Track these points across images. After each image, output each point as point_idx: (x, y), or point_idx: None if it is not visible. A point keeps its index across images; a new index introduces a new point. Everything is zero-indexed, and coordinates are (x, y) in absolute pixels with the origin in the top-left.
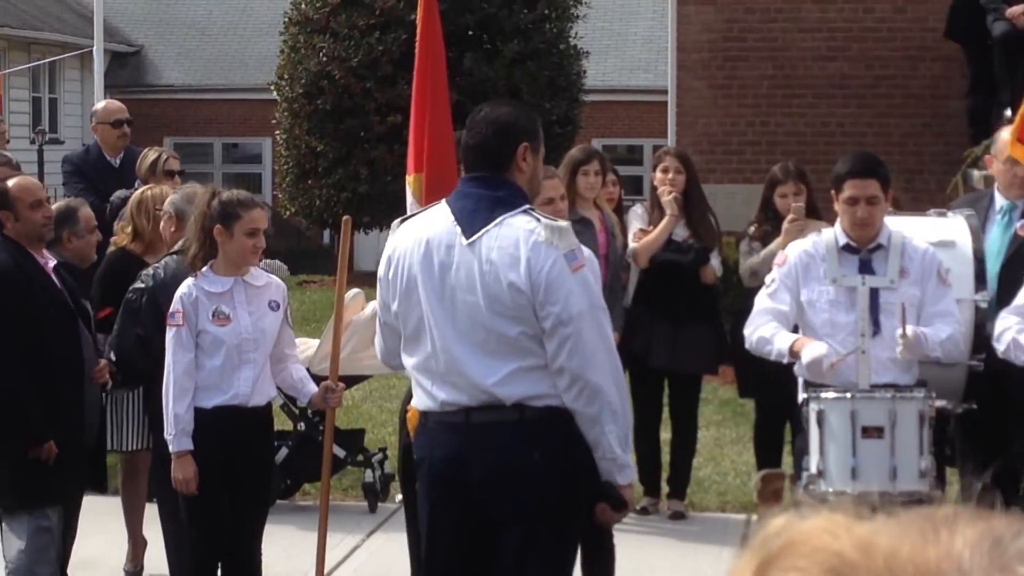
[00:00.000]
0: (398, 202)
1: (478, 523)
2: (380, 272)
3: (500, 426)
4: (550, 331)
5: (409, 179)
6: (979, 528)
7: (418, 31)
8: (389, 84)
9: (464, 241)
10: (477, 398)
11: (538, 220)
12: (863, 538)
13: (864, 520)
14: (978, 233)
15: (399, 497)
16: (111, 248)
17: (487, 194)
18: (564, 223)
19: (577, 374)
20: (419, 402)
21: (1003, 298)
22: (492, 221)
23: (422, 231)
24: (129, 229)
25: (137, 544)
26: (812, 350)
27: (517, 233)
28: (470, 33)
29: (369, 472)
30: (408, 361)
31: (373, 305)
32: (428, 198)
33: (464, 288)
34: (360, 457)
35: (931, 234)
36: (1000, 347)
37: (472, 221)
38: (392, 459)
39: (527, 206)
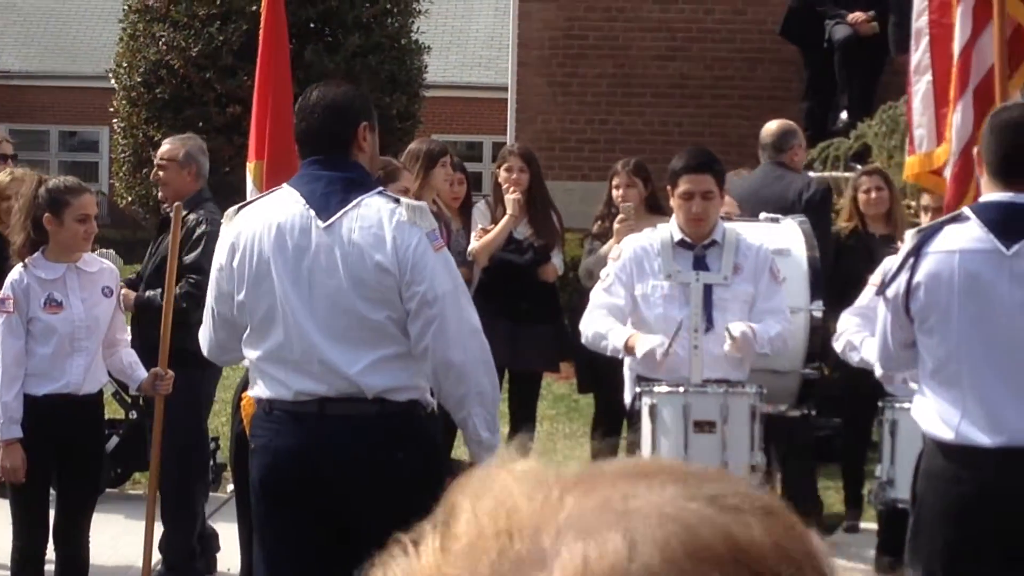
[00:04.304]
0: (235, 193)
1: (322, 524)
2: (220, 261)
3: (358, 419)
4: (415, 312)
5: (250, 166)
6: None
7: (263, 20)
8: (229, 75)
9: (321, 224)
10: (337, 387)
11: (397, 200)
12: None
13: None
14: (812, 239)
15: (231, 487)
16: None
17: (337, 175)
18: (422, 203)
19: (441, 356)
20: (264, 391)
21: None
22: (349, 203)
23: (269, 216)
24: None
25: None
26: (646, 343)
27: (378, 213)
28: (311, 25)
29: None
30: (252, 352)
31: None
32: (269, 185)
33: (324, 271)
34: None
35: (764, 241)
36: (838, 346)
37: (327, 203)
38: (224, 449)
39: (380, 188)
